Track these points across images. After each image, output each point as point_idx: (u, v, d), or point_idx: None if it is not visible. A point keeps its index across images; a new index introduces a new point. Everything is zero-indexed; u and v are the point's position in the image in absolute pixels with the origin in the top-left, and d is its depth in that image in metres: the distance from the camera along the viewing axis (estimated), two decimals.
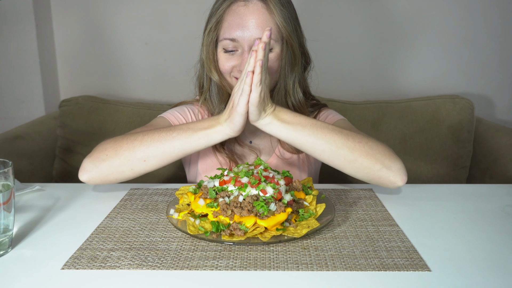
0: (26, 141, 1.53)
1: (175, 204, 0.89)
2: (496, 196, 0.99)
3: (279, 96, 1.07)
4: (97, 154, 0.95)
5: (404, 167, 0.94)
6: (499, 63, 1.83)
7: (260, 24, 1.00)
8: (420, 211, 0.91)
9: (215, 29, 1.03)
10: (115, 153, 0.93)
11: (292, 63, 1.04)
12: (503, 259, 0.72)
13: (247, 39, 1.00)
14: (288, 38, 1.02)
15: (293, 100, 1.08)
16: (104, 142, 0.98)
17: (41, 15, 1.77)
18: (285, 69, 1.04)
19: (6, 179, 0.74)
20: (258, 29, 0.99)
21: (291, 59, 1.04)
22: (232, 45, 1.02)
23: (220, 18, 1.03)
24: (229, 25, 1.01)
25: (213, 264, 0.70)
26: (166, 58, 1.86)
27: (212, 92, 1.10)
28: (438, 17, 1.79)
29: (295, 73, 1.06)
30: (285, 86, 1.06)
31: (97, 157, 0.94)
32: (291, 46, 1.03)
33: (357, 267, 0.69)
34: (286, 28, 1.01)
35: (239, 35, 1.00)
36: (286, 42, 1.02)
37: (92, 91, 1.86)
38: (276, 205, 0.78)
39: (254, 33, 1.00)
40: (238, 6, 1.01)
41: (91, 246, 0.76)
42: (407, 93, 1.85)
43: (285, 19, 1.01)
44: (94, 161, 0.94)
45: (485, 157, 1.59)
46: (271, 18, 1.00)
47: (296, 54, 1.04)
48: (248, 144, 1.15)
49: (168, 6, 1.81)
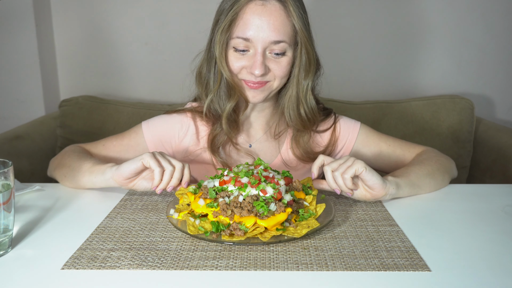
0: (26, 141, 1.53)
1: (175, 204, 0.89)
2: (496, 196, 0.99)
3: (290, 103, 1.05)
4: (52, 162, 1.12)
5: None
6: (499, 63, 1.83)
7: (276, 26, 0.96)
8: (420, 211, 0.91)
9: (229, 26, 0.98)
10: (54, 169, 1.09)
11: (307, 69, 1.01)
12: (503, 259, 0.72)
13: (261, 40, 0.96)
14: (305, 43, 0.99)
15: (305, 108, 1.05)
16: (64, 151, 1.11)
17: (41, 15, 1.77)
18: (298, 76, 1.02)
19: (6, 179, 0.74)
20: (274, 31, 0.96)
21: (305, 65, 1.01)
22: (244, 44, 0.98)
23: (235, 16, 0.98)
24: (244, 23, 0.97)
25: (213, 264, 0.70)
26: (166, 58, 1.86)
27: (221, 90, 1.04)
28: (438, 17, 1.79)
29: (308, 80, 1.03)
30: (297, 92, 1.04)
31: (51, 165, 1.12)
32: (307, 52, 1.00)
33: (357, 267, 0.69)
34: (303, 32, 0.98)
35: (253, 35, 0.96)
36: (301, 48, 0.99)
37: (92, 91, 1.86)
38: (276, 205, 0.78)
39: (269, 35, 0.96)
40: (256, 5, 0.97)
41: (91, 246, 0.76)
42: (407, 93, 1.85)
43: (303, 23, 0.98)
44: (50, 167, 1.12)
45: (485, 157, 1.59)
46: (288, 21, 0.97)
47: (311, 61, 1.01)
48: (246, 149, 1.12)
49: (168, 6, 1.81)
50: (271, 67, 0.99)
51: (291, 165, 1.12)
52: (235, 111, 1.07)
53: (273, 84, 1.02)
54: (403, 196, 0.96)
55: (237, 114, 1.08)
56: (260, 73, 0.97)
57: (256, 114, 1.11)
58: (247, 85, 1.01)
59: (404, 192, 0.95)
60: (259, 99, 1.03)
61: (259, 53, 0.97)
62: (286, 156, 1.12)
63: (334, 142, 1.14)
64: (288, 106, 1.06)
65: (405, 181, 0.96)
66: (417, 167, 1.02)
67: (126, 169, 0.90)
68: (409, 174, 0.99)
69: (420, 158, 1.08)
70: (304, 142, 1.10)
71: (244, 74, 1.01)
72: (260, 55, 0.97)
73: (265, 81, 1.01)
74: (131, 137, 1.13)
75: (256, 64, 0.97)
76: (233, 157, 1.11)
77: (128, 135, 1.13)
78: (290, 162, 1.12)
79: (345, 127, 1.14)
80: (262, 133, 1.13)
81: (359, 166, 0.86)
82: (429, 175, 1.01)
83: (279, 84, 1.03)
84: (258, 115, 1.12)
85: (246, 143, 1.13)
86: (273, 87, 1.02)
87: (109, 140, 1.14)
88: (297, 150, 1.10)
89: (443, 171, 1.05)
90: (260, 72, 0.97)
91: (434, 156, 1.08)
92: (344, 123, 1.15)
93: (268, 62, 0.99)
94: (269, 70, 0.99)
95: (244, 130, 1.13)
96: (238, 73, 1.01)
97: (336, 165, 0.88)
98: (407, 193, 0.96)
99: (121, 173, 0.90)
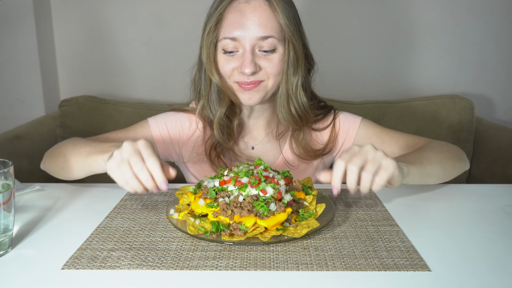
0: (26, 141, 1.53)
1: (175, 204, 0.89)
2: (496, 196, 0.99)
3: (281, 101, 1.03)
4: (48, 154, 1.07)
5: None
6: (499, 63, 1.83)
7: (262, 22, 0.95)
8: (420, 211, 0.91)
9: (215, 29, 0.98)
10: (49, 160, 1.05)
11: (295, 65, 1.00)
12: (503, 259, 0.72)
13: (248, 38, 0.96)
14: (290, 38, 0.98)
15: (295, 105, 1.03)
16: (58, 145, 1.05)
17: (41, 15, 1.77)
18: (287, 72, 1.00)
19: (6, 179, 0.74)
20: (259, 27, 0.95)
21: (293, 61, 1.00)
22: (233, 45, 0.97)
23: (220, 17, 0.98)
24: (229, 23, 0.97)
25: (213, 264, 0.70)
26: (166, 58, 1.86)
27: (211, 96, 1.05)
28: (438, 17, 1.79)
29: (298, 76, 1.01)
30: (287, 89, 1.02)
31: (47, 156, 1.06)
32: (294, 47, 0.98)
33: (357, 267, 0.69)
34: (289, 27, 0.97)
35: (240, 34, 0.96)
36: (289, 43, 0.98)
37: (92, 91, 1.86)
38: (276, 205, 0.78)
39: (255, 32, 0.95)
40: (240, 3, 0.97)
41: (91, 246, 0.76)
42: (407, 93, 1.85)
43: (288, 18, 0.97)
44: (45, 159, 1.07)
45: (485, 157, 1.59)
46: (274, 17, 0.96)
47: (299, 56, 1.00)
48: (247, 155, 1.11)
49: (168, 6, 1.81)
50: (262, 65, 0.98)
51: (293, 165, 1.11)
52: (229, 117, 1.06)
53: (268, 84, 1.01)
54: (411, 183, 0.91)
55: (231, 120, 1.06)
56: (251, 70, 0.96)
57: (256, 117, 1.11)
58: (241, 87, 1.00)
59: (414, 180, 0.90)
60: (255, 100, 1.01)
61: (247, 51, 0.96)
62: (287, 156, 1.12)
63: (334, 139, 1.12)
64: (279, 104, 1.04)
65: (416, 170, 0.89)
66: (428, 154, 0.96)
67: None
68: (421, 160, 0.92)
69: (430, 145, 1.03)
70: (303, 141, 1.09)
71: (236, 76, 0.99)
72: (249, 53, 0.96)
73: (259, 80, 0.99)
74: (137, 131, 1.11)
75: (246, 62, 0.96)
76: (234, 163, 1.11)
77: (134, 129, 1.11)
78: (292, 161, 1.11)
79: (345, 122, 1.13)
80: (264, 134, 1.13)
81: (392, 169, 0.77)
82: (437, 162, 0.96)
83: (274, 83, 1.01)
84: (258, 117, 1.11)
85: (249, 145, 1.12)
86: (268, 86, 1.01)
87: (114, 133, 1.11)
88: (296, 149, 1.09)
89: (453, 159, 1.00)
90: (250, 70, 0.96)
91: (444, 145, 1.04)
92: (344, 118, 1.14)
93: (259, 60, 0.98)
94: (260, 68, 0.98)
95: (246, 133, 1.12)
96: (230, 75, 1.00)
97: (360, 161, 0.76)
98: (416, 182, 0.91)
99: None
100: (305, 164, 1.13)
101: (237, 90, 1.02)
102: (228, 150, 1.09)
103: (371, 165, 0.77)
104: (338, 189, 0.79)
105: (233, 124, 1.07)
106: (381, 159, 0.78)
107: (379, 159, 0.78)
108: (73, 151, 0.96)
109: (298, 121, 1.05)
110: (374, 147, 0.79)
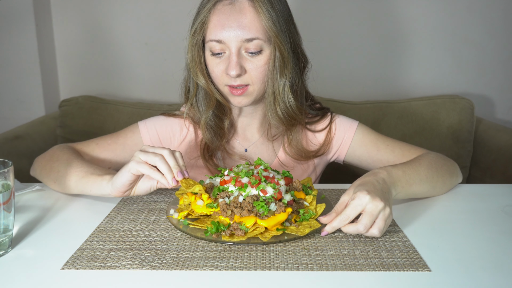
0: (26, 141, 1.53)
1: (175, 204, 0.89)
2: (496, 196, 0.99)
3: (268, 101, 1.02)
4: (39, 164, 1.04)
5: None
6: (499, 63, 1.83)
7: (246, 24, 0.94)
8: (420, 211, 0.91)
9: (201, 30, 0.98)
10: (40, 170, 1.03)
11: (281, 66, 0.98)
12: (503, 259, 0.72)
13: (233, 40, 0.95)
14: (275, 39, 0.96)
15: (282, 106, 1.01)
16: (49, 156, 1.03)
17: (41, 15, 1.77)
18: (273, 73, 0.99)
19: (6, 179, 0.74)
20: (244, 29, 0.94)
21: (279, 62, 0.98)
22: (219, 47, 0.96)
23: (205, 19, 0.97)
24: (214, 25, 0.96)
25: (213, 264, 0.70)
26: (166, 58, 1.86)
27: (199, 97, 1.05)
28: (438, 17, 1.79)
29: (285, 77, 0.99)
30: (273, 91, 1.00)
31: (39, 166, 1.04)
32: (279, 49, 0.97)
33: (357, 267, 0.69)
34: (272, 29, 0.95)
35: (225, 36, 0.95)
36: (274, 44, 0.97)
37: (92, 91, 1.86)
38: (276, 205, 0.78)
39: (240, 34, 0.94)
40: (224, 5, 0.96)
41: (91, 246, 0.76)
42: (407, 93, 1.85)
43: (272, 20, 0.95)
44: (35, 167, 1.05)
45: (485, 157, 1.59)
46: (258, 18, 0.95)
47: (285, 57, 0.98)
48: (240, 153, 1.10)
49: (168, 6, 1.81)
50: (247, 68, 0.97)
51: (288, 166, 1.11)
52: (219, 117, 1.06)
53: (254, 88, 1.00)
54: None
55: (222, 120, 1.06)
56: (236, 73, 0.95)
57: (247, 117, 1.10)
58: (231, 92, 1.00)
59: (399, 198, 0.90)
60: (244, 103, 1.01)
61: (233, 53, 0.96)
62: (282, 158, 1.11)
63: (328, 142, 1.11)
64: (266, 105, 1.03)
65: (403, 191, 0.89)
66: (420, 169, 0.94)
67: (119, 183, 0.85)
68: (410, 179, 0.90)
69: (424, 159, 0.99)
70: (297, 142, 1.08)
71: (226, 79, 0.99)
72: (234, 55, 0.96)
73: (245, 84, 0.99)
74: (127, 136, 1.11)
75: (231, 64, 0.96)
76: (227, 163, 1.10)
77: (124, 134, 1.11)
78: (287, 163, 1.11)
79: (341, 127, 1.12)
80: (259, 136, 1.12)
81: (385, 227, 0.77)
82: (427, 180, 0.94)
83: (260, 87, 1.00)
84: (251, 118, 1.10)
85: (241, 147, 1.12)
86: (255, 91, 1.00)
87: (103, 139, 1.10)
88: (290, 150, 1.09)
89: (444, 177, 0.98)
90: (235, 72, 0.95)
91: (437, 160, 1.00)
92: (341, 122, 1.12)
93: (244, 62, 0.97)
94: (245, 71, 0.98)
95: (239, 134, 1.12)
96: (221, 78, 1.00)
97: (370, 223, 0.76)
98: (401, 197, 0.90)
99: (117, 188, 0.86)
100: (299, 165, 1.12)
101: (227, 93, 1.02)
102: (219, 150, 1.09)
103: (371, 222, 0.76)
104: (329, 233, 0.78)
105: (224, 124, 1.07)
106: (386, 219, 0.77)
107: (384, 218, 0.77)
108: (67, 169, 0.95)
109: (286, 122, 1.04)
110: (387, 206, 0.77)
